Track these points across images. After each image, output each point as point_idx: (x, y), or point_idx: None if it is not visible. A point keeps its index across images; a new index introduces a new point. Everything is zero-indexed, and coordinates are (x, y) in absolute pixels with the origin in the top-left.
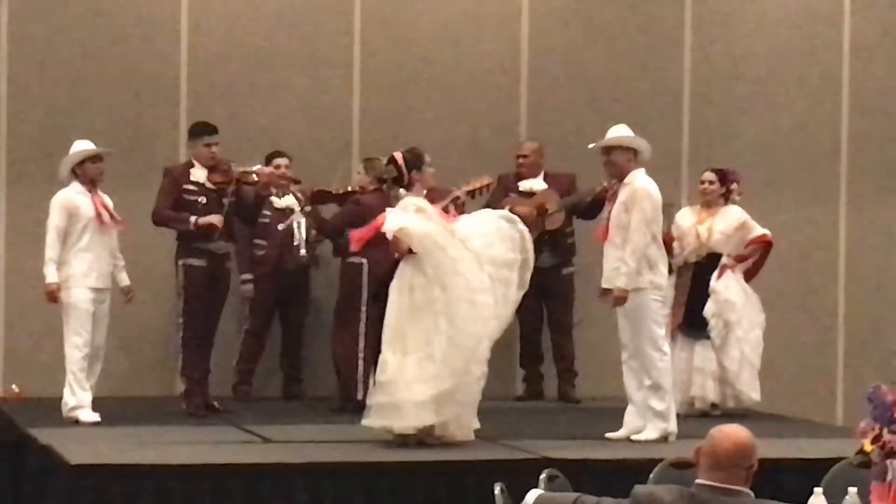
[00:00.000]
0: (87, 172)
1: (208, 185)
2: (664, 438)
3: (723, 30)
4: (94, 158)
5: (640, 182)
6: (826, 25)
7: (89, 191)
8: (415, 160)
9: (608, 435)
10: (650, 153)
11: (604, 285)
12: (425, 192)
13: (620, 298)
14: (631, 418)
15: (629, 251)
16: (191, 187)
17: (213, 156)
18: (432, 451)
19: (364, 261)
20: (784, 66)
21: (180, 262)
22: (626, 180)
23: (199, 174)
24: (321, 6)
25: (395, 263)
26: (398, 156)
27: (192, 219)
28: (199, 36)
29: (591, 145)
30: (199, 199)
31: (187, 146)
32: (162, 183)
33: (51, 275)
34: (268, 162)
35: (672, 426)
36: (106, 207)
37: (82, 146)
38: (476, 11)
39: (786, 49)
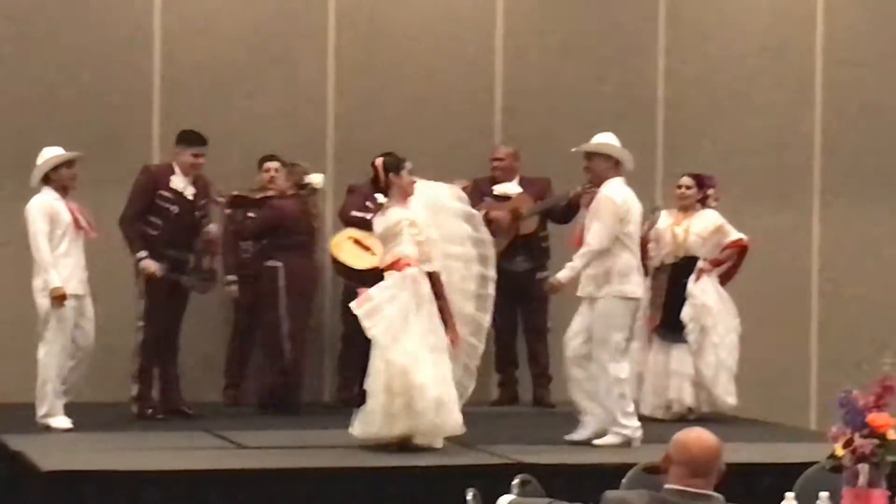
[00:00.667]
0: (61, 178)
1: (186, 195)
2: (627, 443)
3: (696, 35)
4: (68, 164)
5: (606, 189)
6: (799, 31)
7: (62, 197)
8: (393, 164)
9: (567, 437)
10: (632, 164)
11: (578, 293)
12: (405, 197)
13: (553, 287)
14: (589, 419)
15: (581, 252)
16: (167, 193)
17: (196, 165)
18: (406, 456)
19: (280, 264)
20: (757, 72)
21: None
22: (603, 187)
23: (178, 182)
24: (295, 11)
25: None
26: (378, 161)
27: (141, 254)
28: (173, 41)
29: (573, 149)
30: (172, 208)
31: (173, 151)
32: (138, 181)
33: (55, 279)
34: (260, 166)
35: (636, 432)
36: (82, 213)
37: (53, 152)
38: (451, 16)
39: (759, 54)
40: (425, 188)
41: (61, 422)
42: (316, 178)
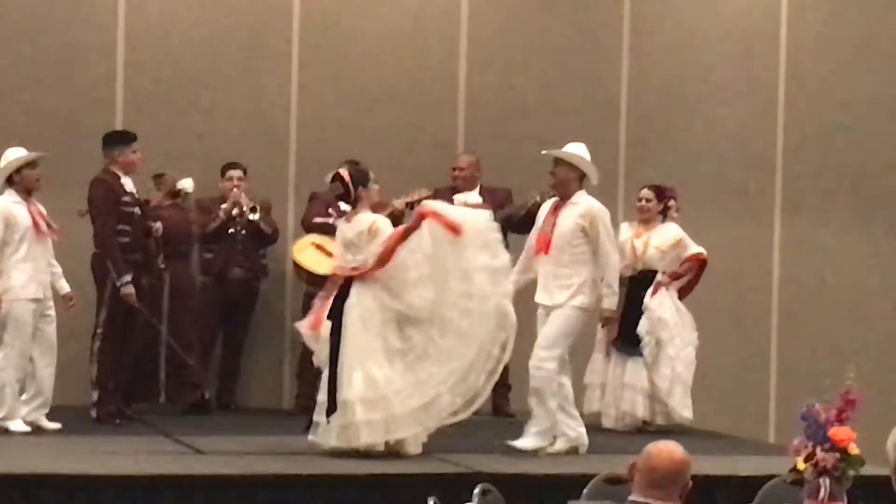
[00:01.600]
0: (25, 180)
1: (136, 194)
2: (575, 450)
3: (660, 46)
4: (31, 164)
5: (594, 203)
6: (762, 42)
7: (25, 199)
8: (360, 177)
9: (511, 443)
10: (596, 181)
11: (537, 299)
12: (370, 208)
13: (612, 319)
14: (535, 429)
15: (610, 276)
16: (126, 198)
17: (138, 161)
18: (366, 464)
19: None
20: (720, 84)
21: (111, 275)
22: (574, 199)
23: (129, 184)
24: (259, 15)
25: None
26: (344, 173)
27: (125, 279)
28: (136, 42)
29: (543, 152)
30: (136, 211)
31: (113, 155)
32: (99, 195)
33: None
34: (223, 173)
35: (583, 438)
36: (42, 216)
37: (16, 154)
38: (415, 24)
39: (723, 67)
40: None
41: (19, 425)
42: (186, 184)
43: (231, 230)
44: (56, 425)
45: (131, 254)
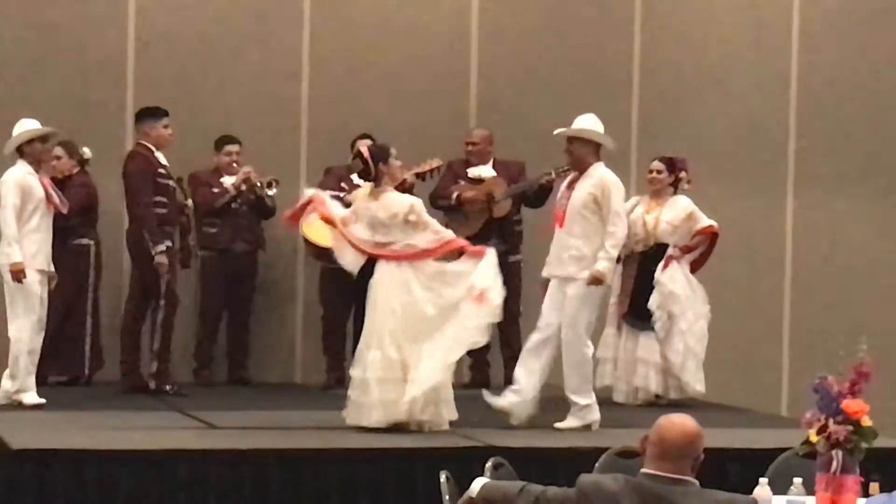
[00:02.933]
0: (35, 152)
1: (168, 167)
2: (588, 427)
3: (673, 19)
4: (43, 139)
5: (608, 174)
6: (775, 16)
7: (36, 171)
8: (380, 153)
9: (557, 425)
10: (614, 146)
11: (545, 273)
12: (393, 185)
13: (598, 280)
14: (517, 401)
15: (611, 243)
16: (162, 171)
17: (171, 137)
18: (378, 438)
19: (91, 242)
20: (733, 57)
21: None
22: (589, 172)
23: (162, 158)
24: None
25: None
26: (364, 149)
27: (160, 248)
28: (147, 17)
29: (556, 132)
30: (171, 184)
31: (144, 130)
32: (137, 168)
33: (16, 254)
34: (217, 147)
35: (595, 415)
36: (53, 188)
37: (28, 125)
38: None
39: (735, 39)
40: None
41: (33, 398)
42: (88, 151)
43: (234, 205)
44: (41, 400)
45: (168, 226)
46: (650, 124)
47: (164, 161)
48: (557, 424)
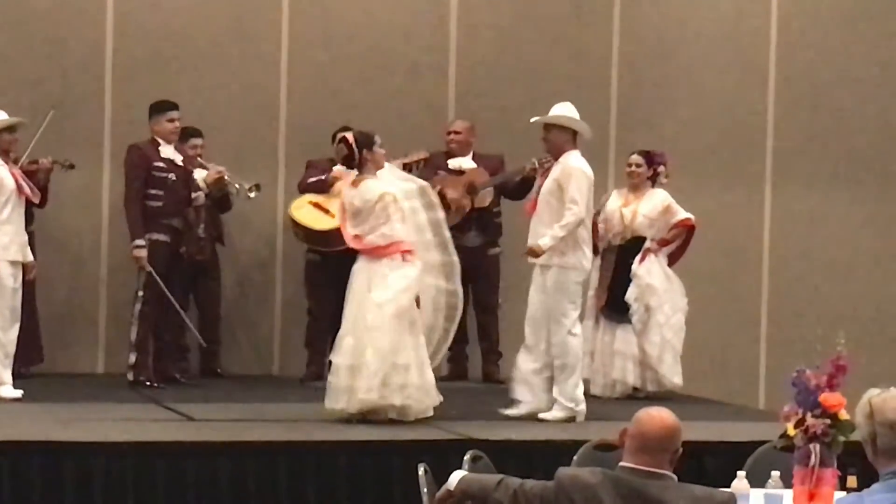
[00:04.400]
0: (3, 143)
1: (177, 162)
2: (572, 419)
3: (652, 12)
4: (10, 129)
5: (574, 161)
6: (753, 12)
7: (5, 162)
8: (365, 140)
9: (506, 412)
10: (590, 134)
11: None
12: (377, 172)
13: (534, 252)
14: (526, 395)
15: (561, 224)
16: (160, 164)
17: (176, 130)
18: (356, 430)
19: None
20: (712, 51)
21: (146, 237)
22: (561, 159)
23: (167, 151)
24: None
25: None
26: (349, 136)
27: (138, 242)
28: (126, 10)
29: (532, 119)
30: (170, 177)
31: (151, 124)
32: (129, 161)
33: None
34: (182, 139)
35: (581, 407)
36: (24, 178)
37: None
38: None
39: (714, 33)
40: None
41: (10, 392)
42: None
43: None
44: (17, 393)
45: (165, 219)
46: (629, 118)
47: (167, 154)
48: (542, 415)
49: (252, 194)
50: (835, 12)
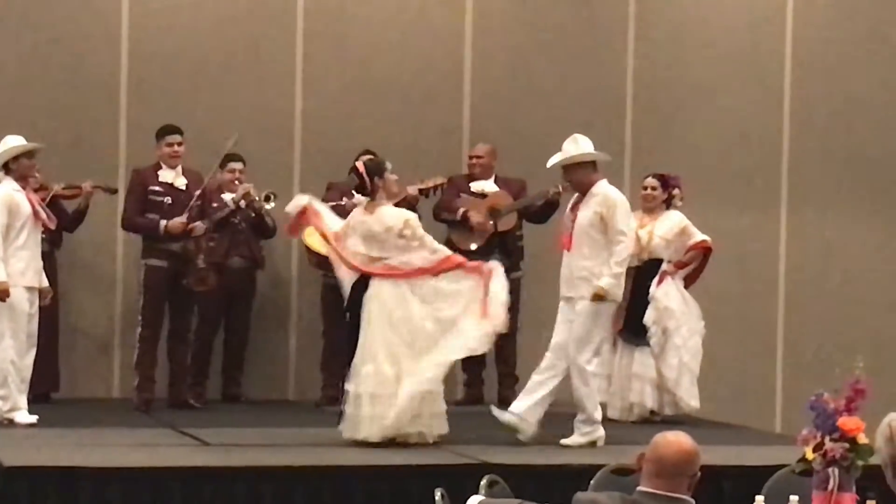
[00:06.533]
0: (21, 168)
1: (177, 185)
2: (593, 444)
3: (667, 35)
4: (29, 154)
5: (612, 192)
6: (768, 35)
7: (23, 187)
8: (376, 167)
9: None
10: (608, 157)
11: (565, 293)
12: (389, 200)
13: (600, 296)
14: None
15: (615, 259)
16: (157, 188)
17: (175, 154)
18: (372, 454)
19: None
20: (727, 73)
21: (143, 262)
22: (592, 191)
23: (166, 175)
24: (263, 6)
25: None
26: (360, 164)
27: (162, 224)
28: (141, 34)
29: (549, 163)
30: (165, 200)
31: (155, 148)
32: (129, 184)
33: (1, 273)
34: (222, 165)
35: (601, 432)
36: (40, 204)
37: (15, 142)
38: (420, 13)
39: (729, 56)
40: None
41: (25, 417)
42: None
43: (233, 220)
44: (33, 418)
45: (163, 243)
46: (644, 140)
47: (166, 178)
48: (563, 441)
49: (268, 205)
50: (850, 35)
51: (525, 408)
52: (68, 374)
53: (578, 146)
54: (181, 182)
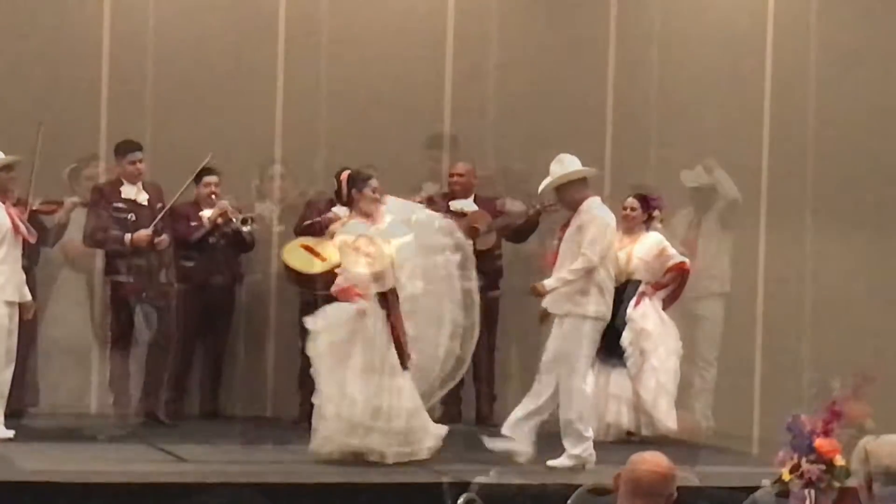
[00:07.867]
0: (0, 182)
1: (139, 201)
2: (581, 466)
3: (645, 54)
4: (7, 168)
5: (595, 210)
6: (749, 55)
7: (2, 201)
8: (357, 180)
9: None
10: (594, 172)
11: (546, 305)
12: (366, 214)
13: (537, 290)
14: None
15: (571, 268)
16: (120, 204)
17: (139, 171)
18: (350, 472)
19: None
20: (707, 92)
21: (107, 278)
22: (581, 207)
23: (128, 191)
24: (245, 18)
25: None
26: (344, 174)
27: (126, 237)
28: (121, 47)
29: (540, 188)
30: (129, 217)
31: (115, 163)
32: (91, 201)
33: None
34: (197, 178)
35: (591, 454)
36: (21, 217)
37: None
38: (401, 29)
39: (709, 74)
40: (397, 206)
41: (1, 432)
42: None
43: (211, 239)
44: (9, 433)
45: (126, 258)
46: (624, 158)
47: (128, 194)
48: (550, 462)
49: (245, 228)
50: (830, 55)
51: (516, 429)
52: (46, 389)
53: (564, 166)
54: (143, 198)
